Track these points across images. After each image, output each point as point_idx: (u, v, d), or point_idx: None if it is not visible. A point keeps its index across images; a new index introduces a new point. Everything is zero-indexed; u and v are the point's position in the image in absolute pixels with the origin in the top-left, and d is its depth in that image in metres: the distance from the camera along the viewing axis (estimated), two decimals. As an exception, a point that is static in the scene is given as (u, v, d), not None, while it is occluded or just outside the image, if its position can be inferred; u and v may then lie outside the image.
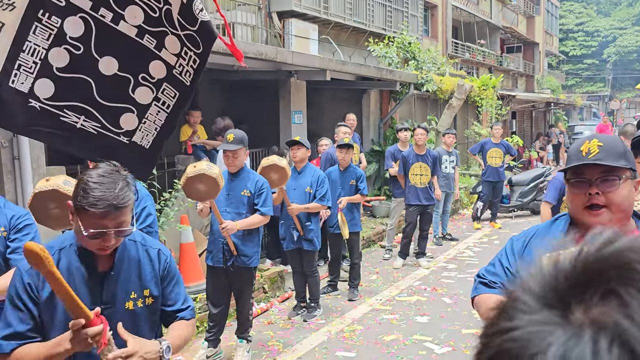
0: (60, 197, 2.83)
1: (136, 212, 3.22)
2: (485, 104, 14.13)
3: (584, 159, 1.71)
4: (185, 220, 5.68)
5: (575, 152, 1.76)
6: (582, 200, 1.72)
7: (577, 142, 1.81)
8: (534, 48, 30.61)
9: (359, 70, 8.65)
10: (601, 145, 1.70)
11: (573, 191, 1.75)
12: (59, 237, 2.14)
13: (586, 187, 1.70)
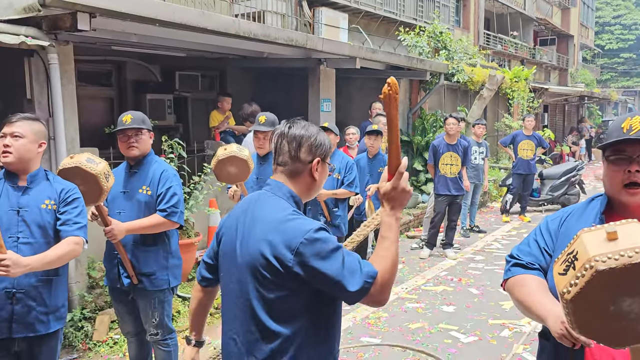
0: (83, 174, 2.92)
1: (161, 191, 3.29)
2: (517, 96, 13.89)
3: (625, 135, 1.66)
4: (213, 203, 5.75)
5: (616, 129, 1.71)
6: (620, 178, 1.67)
7: (618, 118, 1.76)
8: (568, 41, 29.91)
9: (389, 58, 8.58)
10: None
11: (612, 169, 1.70)
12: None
13: (626, 164, 1.66)
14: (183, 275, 5.34)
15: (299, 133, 1.90)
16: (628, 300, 1.24)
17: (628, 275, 1.21)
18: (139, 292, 3.37)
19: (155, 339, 3.45)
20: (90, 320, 4.65)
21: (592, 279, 1.23)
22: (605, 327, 1.29)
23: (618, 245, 1.24)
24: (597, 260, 1.23)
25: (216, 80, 10.24)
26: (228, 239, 1.94)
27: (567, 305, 1.29)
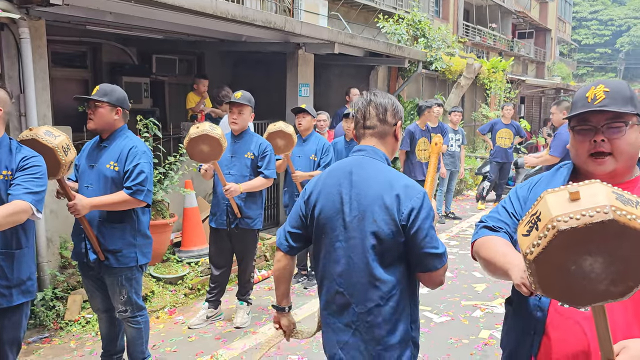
0: (40, 147, 2.83)
1: (128, 168, 3.24)
2: (494, 86, 14.02)
3: (590, 105, 1.67)
4: (189, 185, 5.71)
5: (580, 98, 1.71)
6: (586, 148, 1.68)
7: (582, 88, 1.76)
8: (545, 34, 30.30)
9: (368, 44, 8.58)
10: (607, 90, 1.66)
11: (577, 139, 1.71)
12: None
13: (591, 134, 1.67)
14: (157, 256, 5.32)
15: (383, 100, 2.18)
16: (589, 260, 1.26)
17: (589, 234, 1.23)
18: (106, 269, 3.34)
19: (124, 316, 3.43)
20: (62, 300, 4.61)
21: (554, 239, 1.24)
22: (567, 286, 1.30)
23: (580, 205, 1.25)
24: (559, 220, 1.24)
25: (194, 65, 10.14)
26: (329, 203, 2.13)
27: (530, 265, 1.31)
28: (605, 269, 1.26)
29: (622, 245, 1.23)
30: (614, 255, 1.25)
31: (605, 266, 1.26)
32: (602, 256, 1.25)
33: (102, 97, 3.25)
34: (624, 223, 1.21)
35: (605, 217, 1.21)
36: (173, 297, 4.98)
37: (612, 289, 1.28)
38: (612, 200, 1.24)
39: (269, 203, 7.74)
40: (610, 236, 1.22)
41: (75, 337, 4.31)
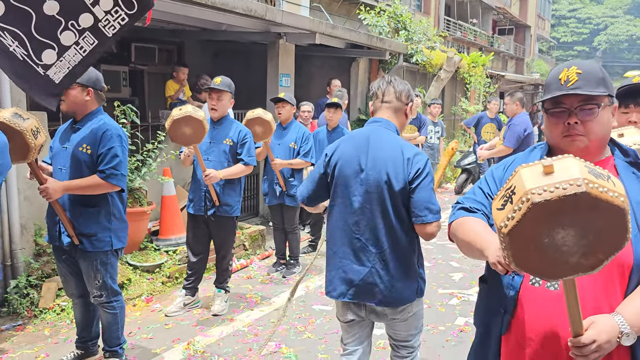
0: (8, 130, 2.78)
1: (101, 152, 3.20)
2: (474, 81, 14.14)
3: (563, 87, 1.68)
4: (167, 173, 5.66)
5: (553, 81, 1.72)
6: (560, 130, 1.70)
7: (555, 69, 1.77)
8: (525, 31, 30.61)
9: (349, 35, 8.57)
10: (580, 72, 1.67)
11: (551, 121, 1.72)
12: None
13: (565, 116, 1.68)
14: (135, 244, 5.27)
15: (400, 83, 2.66)
16: (561, 232, 1.28)
17: (562, 207, 1.24)
18: (80, 253, 3.29)
19: (99, 301, 3.39)
20: (37, 288, 4.53)
21: (528, 212, 1.26)
22: (540, 259, 1.32)
23: (554, 178, 1.26)
24: (533, 193, 1.25)
25: (174, 54, 10.03)
26: (348, 164, 2.58)
27: (504, 239, 1.32)
28: (577, 242, 1.28)
29: (594, 217, 1.26)
30: (585, 227, 1.27)
31: (577, 239, 1.28)
32: (574, 229, 1.27)
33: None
34: (596, 195, 1.23)
35: (578, 189, 1.23)
36: (150, 285, 4.94)
37: (583, 262, 1.30)
38: (585, 173, 1.26)
39: (248, 193, 7.72)
40: (582, 209, 1.24)
41: (49, 324, 4.25)
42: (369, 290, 2.54)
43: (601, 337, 1.47)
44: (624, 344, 1.49)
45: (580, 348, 1.47)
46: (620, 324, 1.49)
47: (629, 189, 1.65)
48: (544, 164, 1.30)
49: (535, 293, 1.67)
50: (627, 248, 1.57)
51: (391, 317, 2.61)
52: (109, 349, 3.51)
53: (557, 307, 1.56)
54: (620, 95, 2.76)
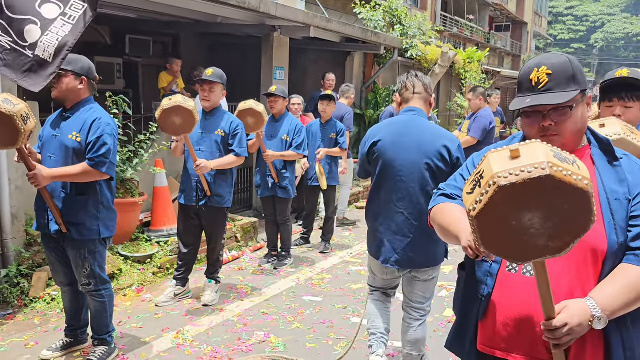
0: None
1: (91, 140, 3.20)
2: (469, 77, 14.13)
3: (534, 89, 1.67)
4: (160, 164, 5.66)
5: (525, 80, 1.71)
6: (536, 130, 1.70)
7: (526, 66, 1.75)
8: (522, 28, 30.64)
9: (344, 29, 8.57)
10: (550, 73, 1.66)
11: (527, 122, 1.73)
12: None
13: (539, 118, 1.68)
14: (126, 235, 5.27)
15: (425, 78, 3.12)
16: (528, 215, 1.30)
17: (528, 189, 1.27)
18: (69, 242, 3.30)
19: (88, 289, 3.40)
20: (27, 277, 4.54)
21: (495, 195, 1.29)
22: (508, 242, 1.35)
23: (520, 162, 1.29)
24: (499, 177, 1.28)
25: (169, 46, 10.00)
26: (393, 147, 3.00)
27: (473, 222, 1.35)
28: (544, 224, 1.31)
29: (559, 200, 1.28)
30: (551, 210, 1.30)
31: (544, 221, 1.30)
32: (540, 211, 1.30)
33: (66, 65, 3.19)
34: (560, 178, 1.26)
35: (543, 172, 1.26)
36: (141, 276, 4.95)
37: (551, 244, 1.33)
38: (550, 157, 1.29)
39: (242, 186, 7.73)
40: (547, 191, 1.27)
41: (39, 313, 4.26)
42: (410, 258, 3.00)
43: (573, 320, 1.49)
44: (595, 327, 1.52)
45: (553, 331, 1.50)
46: (592, 307, 1.52)
47: (603, 176, 1.68)
48: (511, 149, 1.33)
49: (511, 279, 1.69)
50: (601, 235, 1.60)
51: (415, 276, 3.10)
52: (98, 337, 3.53)
53: (533, 293, 1.59)
54: (604, 90, 2.79)
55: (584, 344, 1.60)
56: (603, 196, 1.64)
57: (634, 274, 1.57)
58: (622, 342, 1.61)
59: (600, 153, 1.73)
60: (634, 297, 1.55)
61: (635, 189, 1.65)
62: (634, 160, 1.74)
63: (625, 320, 1.61)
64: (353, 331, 4.09)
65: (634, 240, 1.60)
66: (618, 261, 1.60)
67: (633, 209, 1.63)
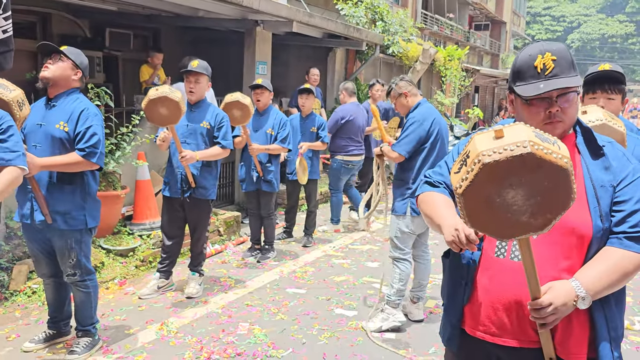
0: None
1: (80, 130, 3.20)
2: (450, 74, 14.30)
3: (541, 76, 1.67)
4: (142, 157, 5.62)
5: (527, 68, 1.69)
6: (541, 118, 1.69)
7: (525, 54, 1.73)
8: (501, 27, 31.00)
9: (326, 24, 8.59)
10: (555, 59, 1.67)
11: (532, 110, 1.70)
12: None
13: (546, 104, 1.68)
14: (108, 228, 5.24)
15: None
16: (511, 192, 1.37)
17: (510, 167, 1.34)
18: (54, 232, 3.28)
19: (73, 279, 3.38)
20: (7, 271, 4.48)
21: (479, 172, 1.35)
22: (493, 219, 1.41)
23: (503, 141, 1.36)
24: (484, 155, 1.35)
25: (150, 40, 9.92)
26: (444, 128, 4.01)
27: (460, 199, 1.41)
28: (526, 201, 1.37)
29: (540, 177, 1.35)
30: (533, 187, 1.36)
31: (526, 198, 1.37)
32: (522, 189, 1.36)
33: (68, 53, 3.24)
34: (540, 156, 1.33)
35: (524, 150, 1.32)
36: (123, 269, 4.92)
37: (533, 221, 1.39)
38: (532, 136, 1.35)
39: (224, 181, 7.70)
40: (529, 169, 1.34)
41: (20, 307, 4.21)
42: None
43: (558, 300, 1.55)
44: (579, 307, 1.58)
45: (538, 310, 1.55)
46: (577, 288, 1.58)
47: (589, 164, 1.73)
48: (495, 129, 1.39)
49: (500, 264, 1.74)
50: (587, 221, 1.65)
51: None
52: (82, 328, 3.51)
53: (520, 279, 1.63)
54: (588, 83, 2.88)
55: (569, 323, 1.66)
56: (589, 183, 1.69)
57: (617, 255, 1.63)
58: (606, 321, 1.67)
59: (585, 141, 1.79)
60: (616, 277, 1.61)
61: (619, 176, 1.70)
62: (617, 147, 1.79)
63: (609, 300, 1.67)
64: (337, 321, 4.13)
65: (617, 225, 1.66)
66: (602, 245, 1.66)
67: (617, 195, 1.68)
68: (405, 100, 4.08)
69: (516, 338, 1.71)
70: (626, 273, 1.62)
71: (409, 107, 4.07)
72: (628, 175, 1.69)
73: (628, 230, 1.64)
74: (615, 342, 1.68)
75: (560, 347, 1.67)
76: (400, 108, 4.16)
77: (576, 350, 1.67)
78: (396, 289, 4.02)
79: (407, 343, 3.84)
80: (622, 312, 1.72)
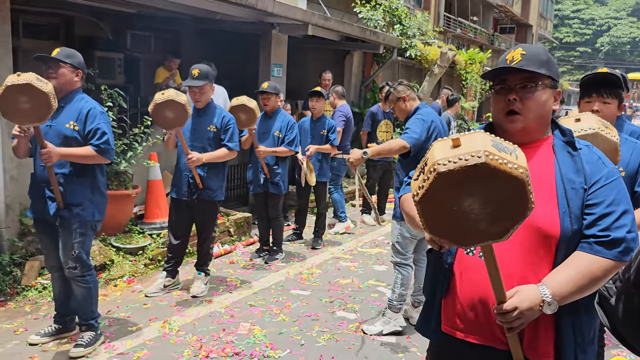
0: (32, 92, 2.95)
1: (90, 129, 3.36)
2: (470, 78, 14.18)
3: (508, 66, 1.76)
4: (154, 157, 5.73)
5: (501, 61, 1.82)
6: (502, 106, 1.77)
7: (505, 53, 1.86)
8: (527, 30, 30.59)
9: (342, 27, 8.62)
10: (524, 53, 1.75)
11: (495, 98, 1.81)
12: None
13: (507, 92, 1.76)
14: (119, 227, 5.35)
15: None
16: (468, 200, 1.37)
17: (465, 176, 1.34)
18: (63, 222, 3.43)
19: (73, 273, 3.49)
20: (20, 266, 4.62)
21: (434, 181, 1.36)
22: (451, 226, 1.42)
23: (460, 150, 1.36)
24: (439, 164, 1.35)
25: (170, 42, 10.08)
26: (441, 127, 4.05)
27: (417, 206, 1.42)
28: (483, 210, 1.37)
29: (495, 187, 1.35)
30: (489, 196, 1.36)
31: (482, 207, 1.37)
32: (479, 197, 1.36)
33: (65, 58, 3.38)
34: (494, 166, 1.33)
35: (478, 160, 1.32)
36: (132, 267, 5.02)
37: (491, 229, 1.40)
38: (488, 146, 1.35)
39: (238, 182, 7.79)
40: (484, 178, 1.34)
41: (30, 301, 4.34)
42: None
43: (523, 304, 1.55)
44: (545, 311, 1.58)
45: (504, 314, 1.56)
46: (543, 293, 1.58)
47: (562, 165, 1.73)
48: (452, 138, 1.40)
49: (469, 262, 1.75)
50: (554, 222, 1.65)
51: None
52: (84, 322, 3.63)
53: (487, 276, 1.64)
54: (583, 86, 2.85)
55: (536, 328, 1.66)
56: (560, 184, 1.70)
57: (585, 261, 1.62)
58: (573, 326, 1.67)
59: (562, 144, 1.79)
60: (584, 283, 1.61)
61: (591, 179, 1.70)
62: (594, 151, 1.79)
63: (577, 306, 1.66)
64: (338, 324, 4.16)
65: (587, 228, 1.66)
66: (572, 248, 1.65)
67: (589, 198, 1.68)
68: (403, 105, 4.09)
69: (483, 336, 1.72)
70: (595, 279, 1.61)
71: (408, 112, 4.09)
72: (601, 179, 1.70)
73: (598, 233, 1.64)
74: (580, 347, 1.68)
75: (529, 350, 1.68)
76: (398, 112, 4.18)
77: (544, 352, 1.68)
78: (398, 293, 4.04)
79: (405, 347, 3.85)
80: (592, 318, 1.71)
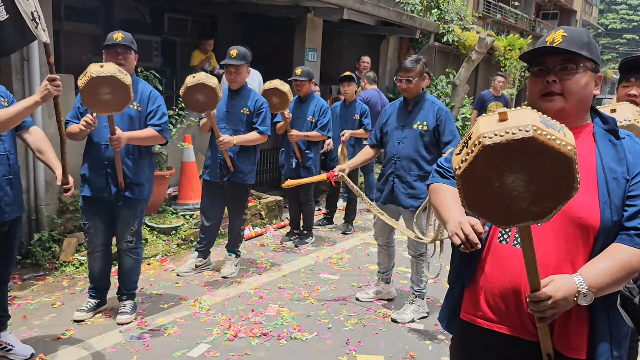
0: (114, 84, 3.07)
1: (152, 109, 3.54)
2: (510, 64, 13.84)
3: (548, 47, 1.69)
4: (188, 139, 5.81)
5: (541, 42, 1.75)
6: (539, 88, 1.70)
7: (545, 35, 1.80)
8: (571, 17, 29.65)
9: (378, 12, 8.51)
10: (565, 35, 1.69)
11: (533, 80, 1.74)
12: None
13: (545, 74, 1.69)
14: (154, 207, 5.46)
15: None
16: (512, 177, 1.32)
17: (511, 151, 1.29)
18: (126, 201, 3.59)
19: (129, 247, 3.70)
20: (59, 243, 4.77)
21: (479, 154, 1.31)
22: (492, 204, 1.37)
23: (507, 124, 1.32)
24: (485, 137, 1.31)
25: (207, 26, 10.16)
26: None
27: (458, 180, 1.38)
28: (526, 188, 1.32)
29: (542, 164, 1.30)
30: (534, 174, 1.31)
31: (526, 185, 1.32)
32: (523, 174, 1.32)
33: (131, 44, 3.55)
34: (543, 142, 1.28)
35: (527, 134, 1.28)
36: (166, 247, 5.12)
37: (533, 209, 1.35)
38: (536, 121, 1.30)
39: (271, 166, 7.84)
40: (530, 154, 1.29)
41: (68, 277, 4.48)
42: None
43: (558, 294, 1.51)
44: (580, 303, 1.53)
45: (537, 303, 1.52)
46: (579, 283, 1.53)
47: (603, 154, 1.67)
48: (499, 112, 1.35)
49: (503, 250, 1.71)
50: (594, 212, 1.60)
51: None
52: (127, 292, 3.82)
53: (522, 266, 1.61)
54: (622, 70, 2.74)
55: (569, 319, 1.62)
56: (601, 174, 1.64)
57: (625, 253, 1.57)
58: (609, 320, 1.62)
59: (603, 132, 1.72)
60: (622, 276, 1.55)
61: (634, 169, 1.64)
62: (637, 141, 1.73)
63: (614, 299, 1.61)
64: (366, 309, 4.16)
65: (629, 220, 1.60)
66: (610, 240, 1.60)
67: (631, 189, 1.62)
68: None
69: (512, 326, 1.68)
70: (634, 272, 1.55)
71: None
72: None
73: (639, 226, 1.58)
74: (616, 341, 1.63)
75: (559, 341, 1.63)
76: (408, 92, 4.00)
77: (576, 345, 1.63)
78: (425, 281, 4.05)
79: (433, 335, 3.83)
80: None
